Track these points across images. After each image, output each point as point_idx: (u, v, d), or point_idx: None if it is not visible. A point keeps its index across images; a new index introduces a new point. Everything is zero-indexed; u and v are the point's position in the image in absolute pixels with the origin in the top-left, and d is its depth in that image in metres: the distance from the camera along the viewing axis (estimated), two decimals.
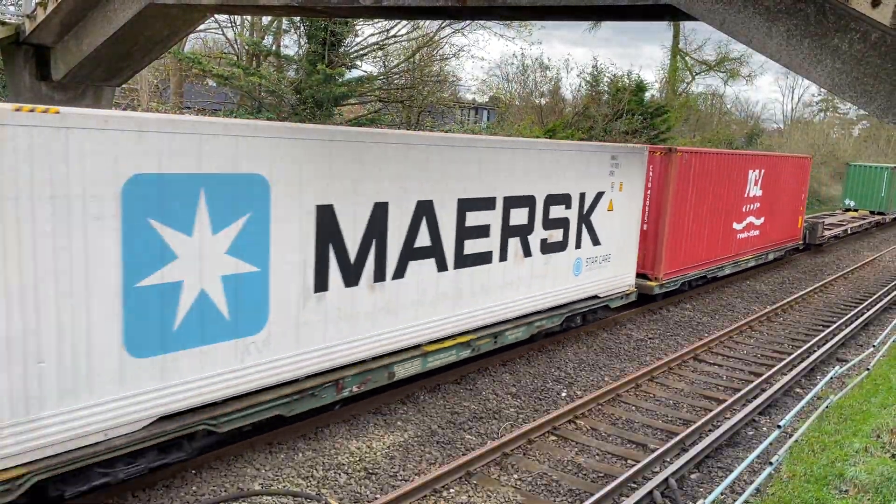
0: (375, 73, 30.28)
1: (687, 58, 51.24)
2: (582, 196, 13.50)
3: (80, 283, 6.70)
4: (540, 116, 34.87)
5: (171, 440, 7.70)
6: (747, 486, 8.72)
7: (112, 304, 6.93)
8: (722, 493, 8.45)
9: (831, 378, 12.85)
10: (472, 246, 11.20)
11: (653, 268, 16.96)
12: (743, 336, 16.06)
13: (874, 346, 15.24)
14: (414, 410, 10.66)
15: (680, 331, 16.20)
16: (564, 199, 13.09)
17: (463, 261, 11.10)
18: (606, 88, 37.05)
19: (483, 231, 11.39)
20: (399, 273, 10.03)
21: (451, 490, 8.47)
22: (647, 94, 38.38)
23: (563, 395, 11.87)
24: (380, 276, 9.73)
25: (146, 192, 7.05)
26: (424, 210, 10.25)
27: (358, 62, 29.26)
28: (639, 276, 16.49)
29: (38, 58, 12.46)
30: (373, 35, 29.76)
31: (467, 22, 29.39)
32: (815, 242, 27.93)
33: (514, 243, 12.07)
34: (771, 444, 9.87)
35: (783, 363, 13.63)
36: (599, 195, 13.99)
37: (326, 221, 8.90)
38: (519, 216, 12.07)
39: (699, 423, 10.46)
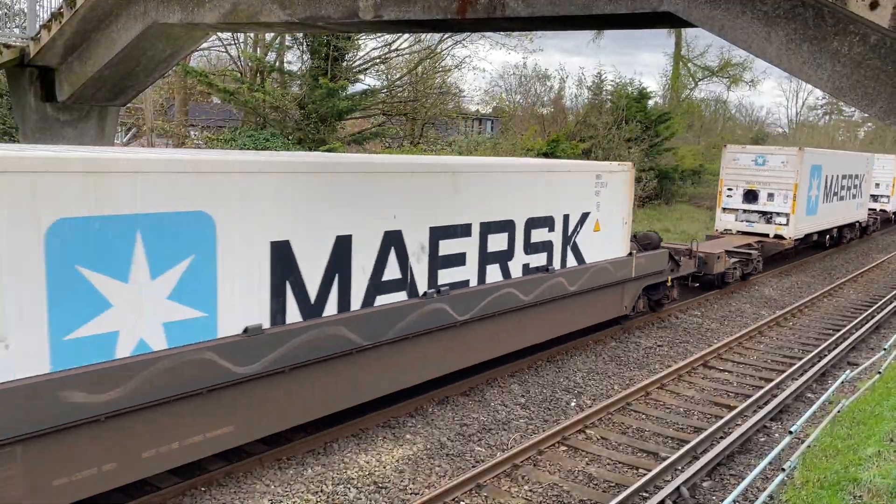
0: (378, 87, 30.41)
1: (689, 64, 51.31)
2: None
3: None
4: (542, 126, 34.93)
5: None
6: (760, 493, 8.64)
7: None
8: (735, 501, 8.37)
9: (842, 382, 12.75)
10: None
11: None
12: (752, 342, 15.97)
13: (885, 349, 15.12)
14: (423, 423, 10.64)
15: (689, 338, 16.13)
16: None
17: None
18: (609, 97, 37.11)
19: None
20: None
21: (462, 503, 8.43)
22: (650, 102, 38.42)
23: (573, 404, 11.82)
24: None
25: None
26: None
27: (361, 76, 29.41)
28: None
29: (42, 79, 12.56)
30: (375, 49, 29.95)
31: (467, 33, 29.51)
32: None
33: None
34: (783, 450, 9.79)
35: (794, 368, 13.55)
36: None
37: None
38: None
39: (710, 430, 10.39)
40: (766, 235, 23.86)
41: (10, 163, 6.20)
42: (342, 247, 9.16)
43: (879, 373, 12.90)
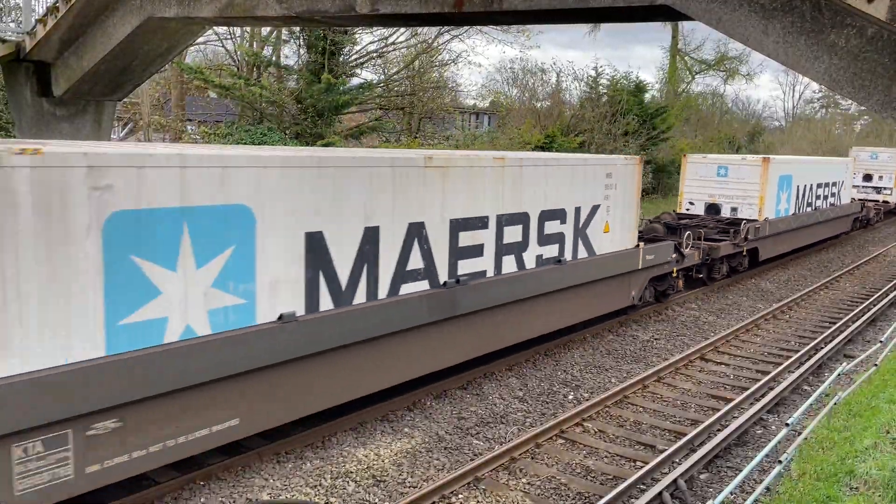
0: (375, 81, 30.37)
1: (686, 58, 51.32)
2: None
3: None
4: (538, 120, 34.89)
5: None
6: (757, 485, 8.68)
7: None
8: (731, 493, 8.41)
9: (839, 375, 12.79)
10: None
11: None
12: (749, 334, 16.01)
13: (881, 341, 15.18)
14: (421, 417, 10.66)
15: (686, 331, 16.17)
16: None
17: None
18: (605, 91, 37.07)
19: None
20: None
21: (460, 496, 8.46)
22: (647, 96, 38.41)
23: (570, 397, 11.85)
24: None
25: None
26: None
27: (357, 70, 29.36)
28: None
29: (38, 74, 12.52)
30: (372, 43, 29.92)
31: (464, 28, 29.46)
32: None
33: None
34: (780, 442, 9.83)
35: (790, 360, 13.60)
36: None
37: None
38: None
39: (707, 422, 10.43)
40: (877, 201, 38.49)
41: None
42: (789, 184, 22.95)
43: (876, 365, 12.95)
